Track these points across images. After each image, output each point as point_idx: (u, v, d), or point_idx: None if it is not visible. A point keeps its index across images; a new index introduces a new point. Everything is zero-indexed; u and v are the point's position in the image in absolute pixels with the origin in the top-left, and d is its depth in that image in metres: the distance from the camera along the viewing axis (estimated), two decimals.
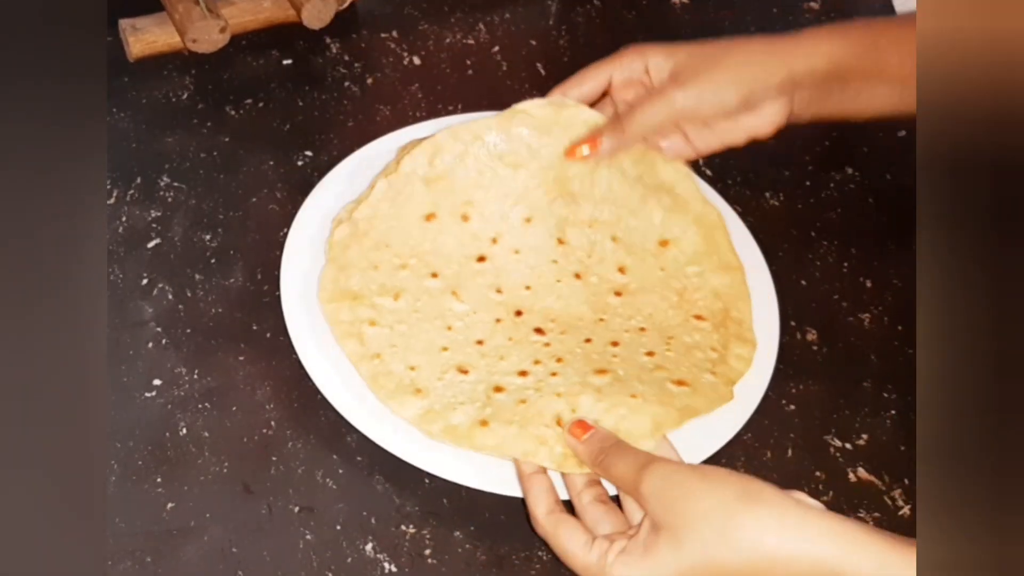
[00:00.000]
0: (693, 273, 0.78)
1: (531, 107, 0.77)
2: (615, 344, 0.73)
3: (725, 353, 0.74)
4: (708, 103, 0.75)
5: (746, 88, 0.74)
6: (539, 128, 0.77)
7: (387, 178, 0.76)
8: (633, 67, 0.77)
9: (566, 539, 0.63)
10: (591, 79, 0.79)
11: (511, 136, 0.77)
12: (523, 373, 0.71)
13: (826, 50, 0.75)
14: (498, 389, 0.70)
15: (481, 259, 0.77)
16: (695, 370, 0.72)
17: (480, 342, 0.73)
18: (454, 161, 0.77)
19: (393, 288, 0.74)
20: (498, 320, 0.74)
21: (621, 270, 0.78)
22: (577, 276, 0.77)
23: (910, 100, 0.67)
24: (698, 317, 0.76)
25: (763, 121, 0.76)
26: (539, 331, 0.74)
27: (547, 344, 0.73)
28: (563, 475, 0.67)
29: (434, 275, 0.76)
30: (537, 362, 0.72)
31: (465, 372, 0.71)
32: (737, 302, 0.77)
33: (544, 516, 0.64)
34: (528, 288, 0.77)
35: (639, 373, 0.71)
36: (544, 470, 0.67)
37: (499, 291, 0.76)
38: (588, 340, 0.74)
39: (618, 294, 0.77)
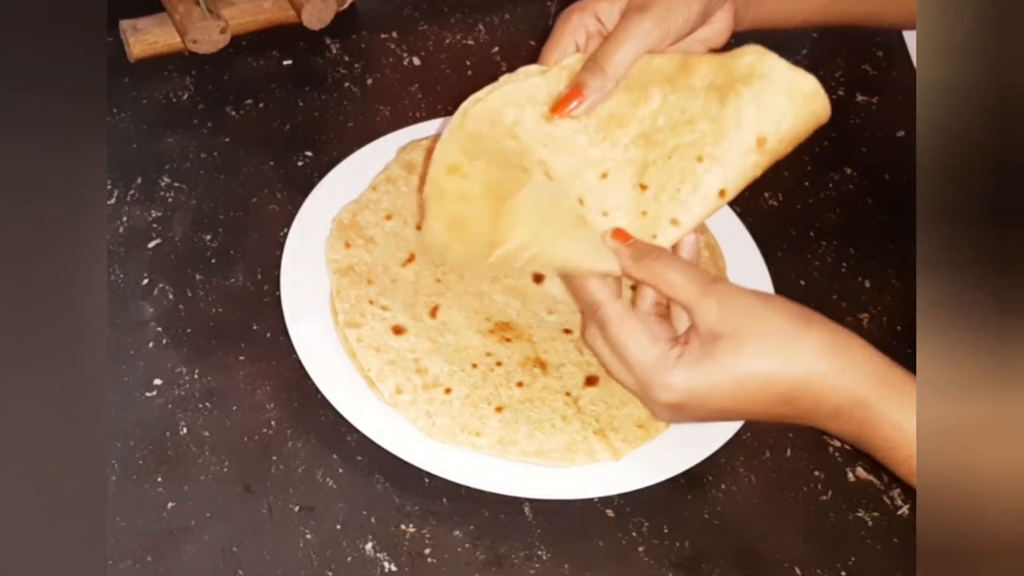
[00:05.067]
0: None
1: (575, 62, 0.71)
2: None
3: None
4: (677, 20, 0.71)
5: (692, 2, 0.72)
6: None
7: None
8: (587, 24, 0.73)
9: (630, 333, 0.64)
10: (556, 57, 0.73)
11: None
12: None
13: None
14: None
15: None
16: None
17: None
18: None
19: None
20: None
21: (722, 193, 0.70)
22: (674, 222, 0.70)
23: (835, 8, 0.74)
24: None
25: (717, 29, 0.74)
26: None
27: None
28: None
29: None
30: None
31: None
32: None
33: (611, 303, 0.65)
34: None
35: None
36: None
37: None
38: None
39: None
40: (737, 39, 0.73)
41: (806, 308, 0.63)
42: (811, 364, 0.61)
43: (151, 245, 0.81)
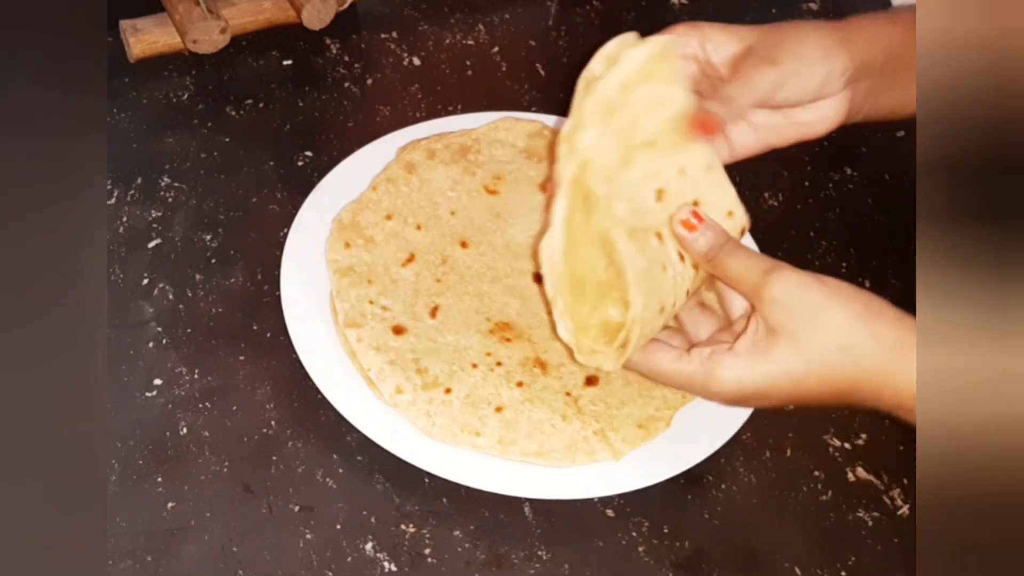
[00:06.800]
0: None
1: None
2: None
3: None
4: (793, 84, 0.68)
5: (823, 72, 0.68)
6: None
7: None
8: (689, 43, 0.70)
9: (657, 360, 0.63)
10: None
11: None
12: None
13: (884, 38, 0.70)
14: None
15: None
16: None
17: None
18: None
19: None
20: None
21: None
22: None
23: None
24: None
25: (820, 117, 0.71)
26: None
27: None
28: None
29: None
30: None
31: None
32: None
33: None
34: None
35: None
36: None
37: None
38: None
39: None
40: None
41: (874, 299, 0.62)
42: (875, 363, 0.60)
43: (151, 245, 0.81)
